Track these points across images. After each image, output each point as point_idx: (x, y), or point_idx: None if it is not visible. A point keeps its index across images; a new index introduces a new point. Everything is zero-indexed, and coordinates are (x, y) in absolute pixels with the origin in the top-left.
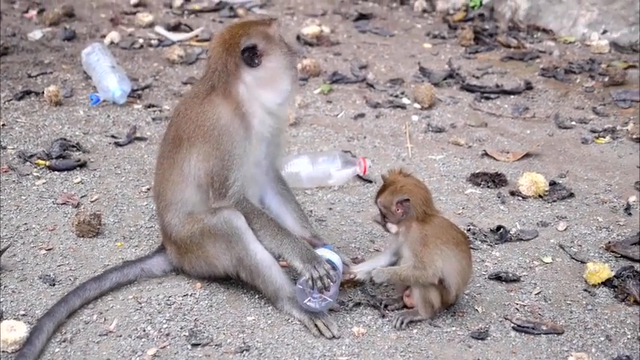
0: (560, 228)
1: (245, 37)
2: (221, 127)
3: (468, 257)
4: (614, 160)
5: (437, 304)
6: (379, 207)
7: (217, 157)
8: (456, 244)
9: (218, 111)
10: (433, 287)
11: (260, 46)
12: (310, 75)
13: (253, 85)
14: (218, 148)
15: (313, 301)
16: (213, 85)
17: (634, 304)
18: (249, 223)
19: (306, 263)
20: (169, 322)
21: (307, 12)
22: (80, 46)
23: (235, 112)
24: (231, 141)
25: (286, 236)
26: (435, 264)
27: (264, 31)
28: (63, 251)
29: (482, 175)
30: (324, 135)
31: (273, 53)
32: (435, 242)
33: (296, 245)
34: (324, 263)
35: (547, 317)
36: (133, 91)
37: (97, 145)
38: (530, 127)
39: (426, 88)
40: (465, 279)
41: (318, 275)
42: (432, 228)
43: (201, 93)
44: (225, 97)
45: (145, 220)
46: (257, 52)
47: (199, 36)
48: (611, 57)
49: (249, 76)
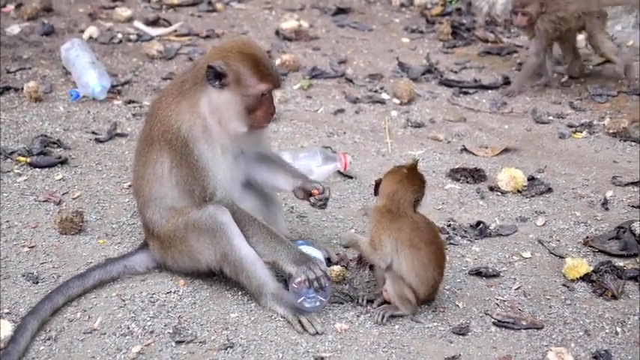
0: (538, 223)
1: (222, 60)
2: (183, 135)
3: (428, 261)
4: (591, 154)
5: (413, 299)
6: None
7: (186, 166)
8: (410, 245)
9: (181, 118)
10: (403, 283)
11: (229, 76)
12: (290, 70)
13: (215, 104)
14: (184, 157)
15: (308, 301)
16: (185, 89)
17: (612, 298)
18: (241, 230)
19: (300, 266)
20: (153, 319)
21: (285, 6)
22: (59, 41)
23: (197, 123)
24: (195, 151)
25: (279, 242)
26: (383, 248)
27: (245, 70)
28: (46, 249)
29: (461, 170)
30: (304, 130)
31: (234, 90)
32: (389, 234)
33: (289, 251)
34: (318, 263)
35: (527, 312)
36: (112, 86)
37: (78, 141)
38: (508, 122)
39: (405, 84)
40: (425, 281)
41: (314, 276)
42: (394, 222)
43: (174, 93)
44: (191, 105)
45: (127, 217)
46: (221, 77)
47: (178, 31)
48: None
49: (213, 94)
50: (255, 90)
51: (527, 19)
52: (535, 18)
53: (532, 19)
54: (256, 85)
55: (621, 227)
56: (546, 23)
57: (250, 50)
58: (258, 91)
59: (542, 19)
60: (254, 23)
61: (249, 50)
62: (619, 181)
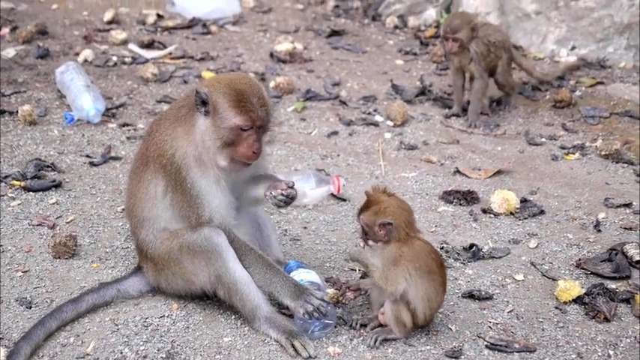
0: (531, 245)
1: (209, 88)
2: (177, 162)
3: (439, 285)
4: (583, 176)
5: (409, 324)
6: (361, 224)
7: (181, 192)
8: (428, 272)
9: (176, 144)
10: (404, 307)
11: (209, 105)
12: (284, 92)
13: (200, 131)
14: (178, 183)
15: (317, 329)
16: (181, 115)
17: (604, 321)
18: (238, 258)
19: (297, 300)
20: (146, 343)
21: (280, 29)
22: (54, 64)
23: (191, 150)
24: (188, 179)
25: (274, 274)
26: (397, 285)
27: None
28: (39, 273)
29: (454, 192)
30: (298, 153)
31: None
32: (405, 265)
33: (285, 283)
34: (313, 293)
35: (519, 335)
36: (107, 109)
37: (72, 164)
38: (501, 144)
39: (399, 106)
40: (433, 306)
41: (312, 308)
42: (409, 250)
43: (171, 118)
44: (185, 131)
45: (121, 241)
46: (205, 104)
47: (173, 53)
48: (580, 73)
49: (200, 120)
50: (230, 123)
51: (458, 44)
52: (466, 43)
53: (463, 45)
54: (232, 117)
55: (613, 249)
56: (481, 46)
57: (238, 85)
58: (232, 124)
59: (476, 42)
60: (248, 46)
61: (237, 85)
62: (611, 203)
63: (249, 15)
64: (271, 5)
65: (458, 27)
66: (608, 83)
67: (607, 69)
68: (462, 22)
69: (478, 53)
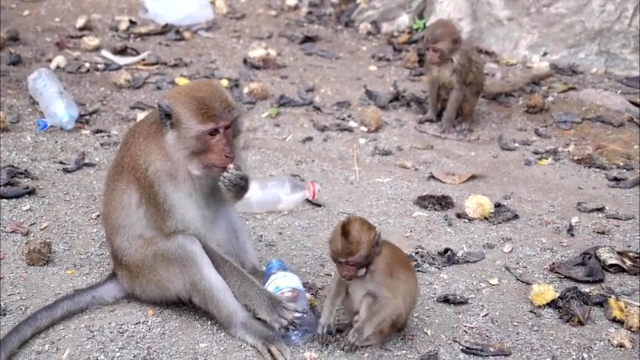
0: (505, 250)
1: (171, 99)
2: (150, 177)
3: (415, 278)
4: (556, 181)
5: (386, 329)
6: (357, 261)
7: (154, 205)
8: (407, 267)
9: (149, 159)
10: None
11: (173, 117)
12: (258, 98)
13: (169, 144)
14: (152, 196)
15: (296, 338)
16: (154, 129)
17: (578, 324)
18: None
19: (272, 314)
20: (122, 350)
21: (253, 35)
22: (26, 71)
23: (163, 164)
24: (161, 193)
25: (249, 286)
26: (399, 291)
27: (184, 111)
28: (13, 280)
29: (429, 197)
30: (273, 159)
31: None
32: (397, 269)
33: (259, 296)
34: (287, 306)
35: (494, 339)
36: (80, 116)
37: (46, 171)
38: (474, 149)
39: (373, 112)
40: (415, 300)
41: (286, 323)
42: (390, 255)
43: (146, 130)
44: (157, 144)
45: (96, 248)
46: (170, 117)
47: (146, 59)
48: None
49: (168, 134)
50: (194, 131)
51: (439, 55)
52: (447, 54)
53: (444, 56)
54: (194, 125)
55: (586, 253)
56: (463, 57)
57: (197, 93)
58: (197, 132)
59: (460, 54)
60: (222, 52)
61: (197, 92)
62: (584, 208)
63: (223, 21)
64: (244, 11)
65: (439, 37)
66: (580, 89)
67: (579, 75)
68: (444, 33)
69: (461, 65)
